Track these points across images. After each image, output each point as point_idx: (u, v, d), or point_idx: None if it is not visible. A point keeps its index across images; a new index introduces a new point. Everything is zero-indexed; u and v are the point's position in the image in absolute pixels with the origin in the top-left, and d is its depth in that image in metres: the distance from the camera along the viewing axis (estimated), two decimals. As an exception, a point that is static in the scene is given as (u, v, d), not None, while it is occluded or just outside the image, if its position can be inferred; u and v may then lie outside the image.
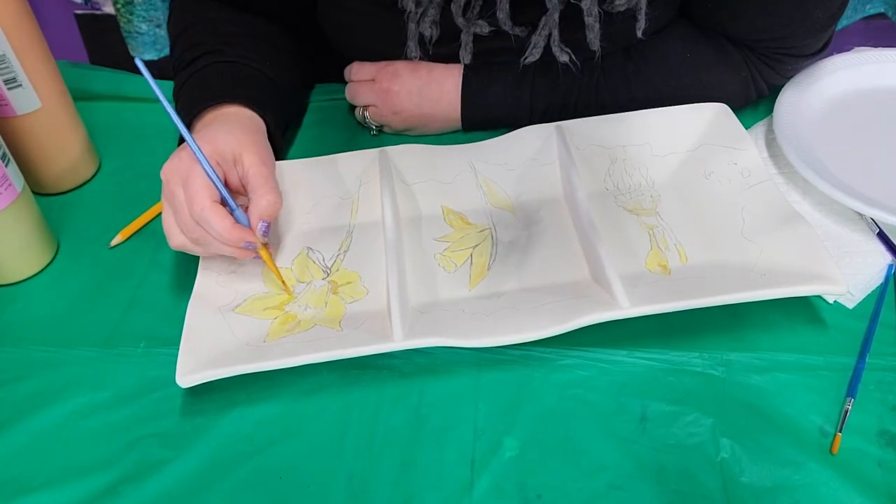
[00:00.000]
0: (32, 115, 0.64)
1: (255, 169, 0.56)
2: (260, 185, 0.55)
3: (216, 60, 0.64)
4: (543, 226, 0.61)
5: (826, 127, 0.67)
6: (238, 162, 0.56)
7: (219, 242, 0.54)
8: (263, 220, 0.55)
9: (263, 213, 0.55)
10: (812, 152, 0.64)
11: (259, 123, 0.61)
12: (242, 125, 0.58)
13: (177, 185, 0.54)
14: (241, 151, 0.56)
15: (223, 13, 0.68)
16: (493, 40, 0.65)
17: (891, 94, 0.70)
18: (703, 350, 0.53)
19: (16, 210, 0.59)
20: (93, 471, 0.50)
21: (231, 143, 0.56)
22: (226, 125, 0.58)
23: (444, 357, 0.54)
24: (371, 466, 0.49)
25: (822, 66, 0.70)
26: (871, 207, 0.57)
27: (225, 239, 0.53)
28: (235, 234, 0.53)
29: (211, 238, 0.54)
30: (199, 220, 0.53)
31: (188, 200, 0.53)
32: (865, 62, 0.71)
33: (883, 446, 0.47)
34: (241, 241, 0.54)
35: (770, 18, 0.62)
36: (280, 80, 0.67)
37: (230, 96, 0.61)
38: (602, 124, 0.66)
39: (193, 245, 0.55)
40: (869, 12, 1.24)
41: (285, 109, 0.69)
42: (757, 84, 0.67)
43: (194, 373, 0.50)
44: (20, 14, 0.60)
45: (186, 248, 0.56)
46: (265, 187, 0.55)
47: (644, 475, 0.47)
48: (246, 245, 0.55)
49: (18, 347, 0.57)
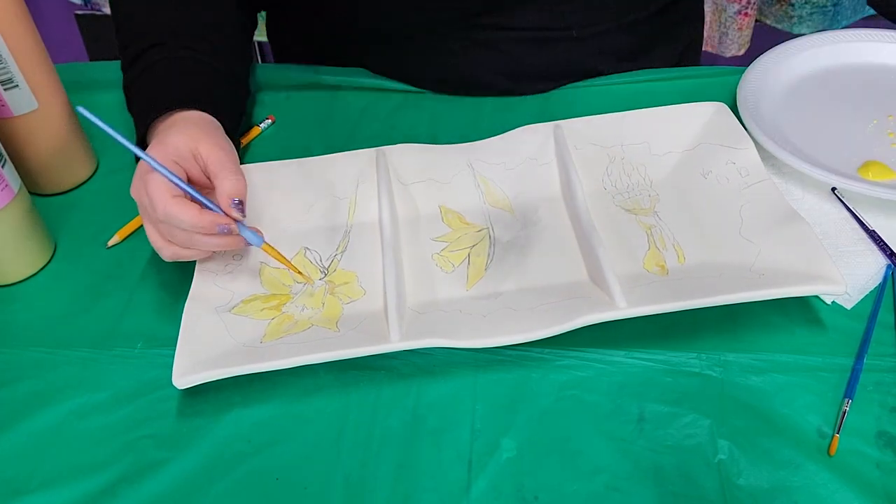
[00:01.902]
0: (29, 115, 0.64)
1: (213, 156, 0.56)
2: (220, 169, 0.55)
3: (163, 56, 0.64)
4: (541, 226, 0.61)
5: (790, 104, 0.69)
6: (196, 155, 0.56)
7: (202, 236, 0.54)
8: (233, 198, 0.54)
9: (230, 192, 0.54)
10: (777, 128, 0.66)
11: (214, 121, 0.61)
12: (194, 123, 0.59)
13: (144, 197, 0.54)
14: (196, 144, 0.56)
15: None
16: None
17: (853, 72, 0.72)
18: (701, 351, 0.53)
19: (13, 211, 0.59)
20: (89, 471, 0.50)
21: (183, 140, 0.56)
22: (178, 127, 0.58)
23: (442, 358, 0.54)
24: (368, 467, 0.49)
25: (785, 47, 0.72)
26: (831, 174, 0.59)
27: (198, 227, 0.53)
28: (206, 219, 0.53)
29: (193, 235, 0.54)
30: (165, 218, 0.53)
31: (151, 205, 0.53)
32: (824, 43, 0.73)
33: (881, 447, 0.47)
34: (213, 226, 0.53)
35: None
36: (227, 68, 0.67)
37: (180, 104, 0.60)
38: (600, 123, 0.65)
39: (185, 250, 0.55)
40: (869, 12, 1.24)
41: (235, 99, 0.69)
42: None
43: (191, 374, 0.50)
44: (17, 15, 0.60)
45: (179, 256, 0.56)
46: (225, 170, 0.55)
47: (641, 476, 0.47)
48: (221, 228, 0.54)
49: (15, 348, 0.57)
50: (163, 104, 0.60)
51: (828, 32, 0.73)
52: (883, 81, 0.70)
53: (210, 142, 0.56)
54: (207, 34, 0.67)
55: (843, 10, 1.24)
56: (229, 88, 0.67)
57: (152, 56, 0.64)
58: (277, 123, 0.75)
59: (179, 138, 0.56)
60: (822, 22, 1.24)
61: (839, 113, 0.68)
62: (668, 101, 0.66)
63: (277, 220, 0.63)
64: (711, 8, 1.28)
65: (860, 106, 0.68)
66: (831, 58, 0.73)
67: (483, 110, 0.74)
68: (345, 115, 0.75)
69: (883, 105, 0.68)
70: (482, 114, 0.74)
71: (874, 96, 0.69)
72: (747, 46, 1.29)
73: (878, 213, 0.60)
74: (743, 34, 1.27)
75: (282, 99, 0.78)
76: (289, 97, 0.78)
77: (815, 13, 1.23)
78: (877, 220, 0.59)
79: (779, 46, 0.73)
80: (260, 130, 0.74)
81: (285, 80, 0.78)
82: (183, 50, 0.64)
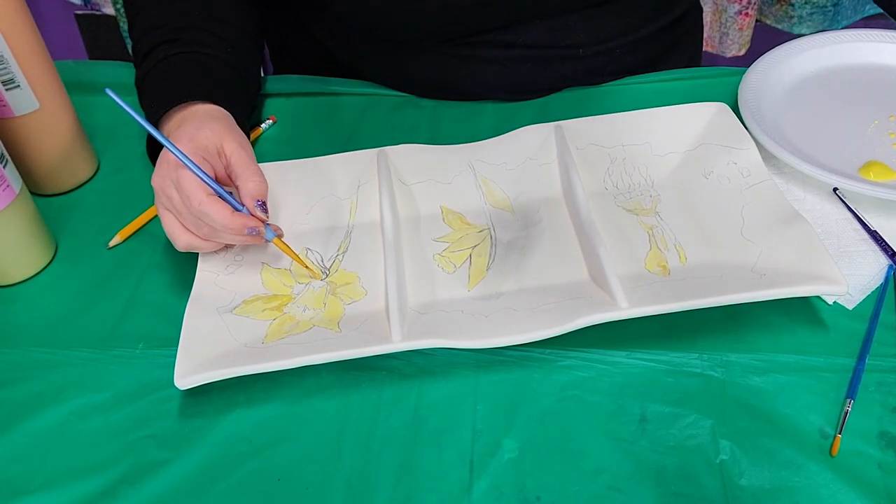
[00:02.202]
0: (30, 115, 0.64)
1: (237, 155, 0.57)
2: (244, 170, 0.56)
3: (176, 52, 0.64)
4: (542, 226, 0.61)
5: (791, 104, 0.69)
6: (221, 153, 0.57)
7: (226, 232, 0.54)
8: (257, 199, 0.55)
9: (254, 193, 0.55)
10: (778, 128, 0.66)
11: (227, 114, 0.61)
12: (214, 118, 0.59)
13: (170, 188, 0.54)
14: (222, 142, 0.57)
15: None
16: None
17: (854, 72, 0.72)
18: (703, 351, 0.53)
19: (14, 211, 0.59)
20: (91, 472, 0.50)
21: (210, 136, 0.57)
22: (199, 121, 0.58)
23: (443, 358, 0.54)
24: (370, 468, 0.49)
25: (786, 47, 0.72)
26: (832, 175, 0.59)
27: (229, 228, 0.54)
28: (238, 221, 0.54)
29: (220, 232, 0.54)
30: (199, 215, 0.54)
31: (185, 200, 0.54)
32: (825, 43, 0.73)
33: (883, 448, 0.47)
34: (244, 228, 0.54)
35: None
36: (239, 64, 0.67)
37: (196, 95, 0.61)
38: (601, 123, 0.65)
39: (201, 241, 0.56)
40: (869, 12, 1.24)
41: (247, 95, 0.70)
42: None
43: (192, 374, 0.50)
44: (18, 14, 0.60)
45: (194, 246, 0.56)
46: (249, 171, 0.56)
47: (643, 477, 0.47)
48: (251, 231, 0.55)
49: (17, 348, 0.57)
50: (180, 95, 0.61)
51: (828, 32, 0.73)
52: (884, 81, 0.70)
53: (234, 139, 0.57)
54: (221, 30, 0.67)
55: (843, 10, 1.24)
56: (242, 84, 0.68)
57: (167, 50, 0.64)
58: (279, 124, 0.75)
59: (205, 133, 0.57)
60: (822, 22, 1.25)
61: (840, 113, 0.68)
62: (670, 102, 0.66)
63: (279, 220, 0.63)
64: (712, 8, 1.28)
65: (861, 106, 0.68)
66: (832, 58, 0.73)
67: (483, 111, 0.74)
68: (345, 116, 0.75)
69: (884, 105, 0.68)
70: (483, 114, 0.74)
71: (875, 96, 0.69)
72: (747, 46, 1.29)
73: (880, 213, 0.60)
74: (743, 34, 1.27)
75: (283, 100, 0.78)
76: (290, 98, 0.78)
77: (815, 13, 1.24)
78: (878, 220, 0.59)
79: (780, 46, 0.73)
80: (261, 131, 0.74)
81: (286, 89, 0.78)
82: (197, 45, 0.65)
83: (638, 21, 0.74)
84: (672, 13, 0.78)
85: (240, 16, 0.70)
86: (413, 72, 0.75)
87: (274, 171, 0.65)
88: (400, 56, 0.75)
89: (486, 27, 0.71)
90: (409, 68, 0.75)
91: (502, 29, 0.71)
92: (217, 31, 0.67)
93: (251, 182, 0.56)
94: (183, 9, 0.67)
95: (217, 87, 0.63)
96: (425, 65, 0.74)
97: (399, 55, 0.74)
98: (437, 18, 0.69)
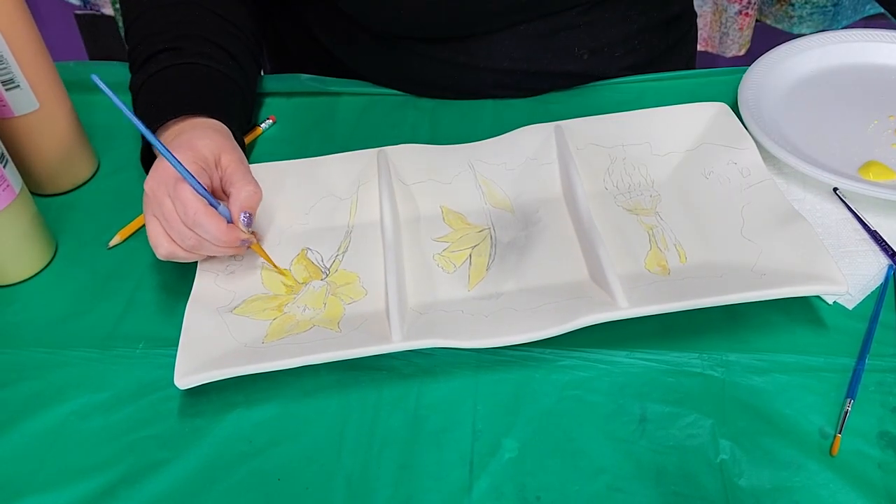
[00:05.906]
0: (30, 115, 0.64)
1: (234, 166, 0.56)
2: (239, 179, 0.56)
3: (176, 62, 0.64)
4: (542, 226, 0.61)
5: (791, 104, 0.69)
6: (218, 163, 0.57)
7: (212, 245, 0.54)
8: (245, 210, 0.55)
9: (244, 202, 0.55)
10: (778, 128, 0.66)
11: (226, 128, 0.61)
12: (215, 130, 0.59)
13: (164, 195, 0.54)
14: (220, 153, 0.57)
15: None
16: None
17: (853, 72, 0.72)
18: (703, 351, 0.53)
19: (14, 211, 0.59)
20: (91, 472, 0.50)
21: (210, 146, 0.56)
22: (199, 130, 0.58)
23: (443, 358, 0.54)
24: (370, 468, 0.49)
25: (786, 47, 0.72)
26: (832, 175, 0.59)
27: (222, 241, 0.54)
28: (232, 234, 0.54)
29: (205, 241, 0.54)
30: (193, 225, 0.53)
31: (180, 209, 0.53)
32: (825, 43, 0.73)
33: (883, 448, 0.47)
34: (236, 241, 0.55)
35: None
36: (240, 78, 0.67)
37: (197, 109, 0.61)
38: (602, 124, 0.65)
39: (185, 252, 0.55)
40: (869, 12, 1.24)
41: (245, 110, 0.70)
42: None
43: (192, 374, 0.50)
44: (18, 14, 0.60)
45: (176, 256, 0.55)
46: (244, 180, 0.56)
47: (643, 476, 0.47)
48: (243, 243, 0.55)
49: (17, 348, 0.57)
50: (181, 107, 0.60)
51: (828, 32, 0.73)
52: (883, 81, 0.70)
53: (230, 150, 0.57)
54: (223, 41, 0.67)
55: (843, 10, 1.24)
56: (241, 99, 0.68)
57: (169, 59, 0.64)
58: (278, 123, 0.75)
59: (205, 143, 0.56)
60: (822, 22, 1.25)
61: (840, 113, 0.68)
62: (670, 102, 0.66)
63: (279, 220, 0.63)
64: (712, 8, 1.28)
65: (861, 106, 0.68)
66: (832, 58, 0.73)
67: (484, 111, 0.74)
68: (345, 116, 0.75)
69: (884, 105, 0.68)
70: (482, 114, 0.74)
71: (875, 96, 0.69)
72: (748, 46, 1.29)
73: (879, 213, 0.60)
74: (743, 34, 1.27)
75: (282, 100, 0.78)
76: (289, 98, 0.78)
77: (815, 13, 1.24)
78: (878, 220, 0.59)
79: (780, 46, 0.73)
80: (261, 130, 0.74)
81: (286, 89, 0.78)
82: (200, 57, 0.64)
83: (637, 19, 0.74)
84: (670, 10, 0.78)
85: (241, 25, 0.70)
86: (412, 71, 0.75)
87: (273, 171, 0.65)
88: (399, 56, 0.74)
89: (485, 25, 0.71)
90: (408, 68, 0.75)
91: (502, 28, 0.71)
92: (219, 41, 0.66)
93: (244, 191, 0.55)
94: (185, 17, 0.66)
95: (218, 102, 0.63)
96: (425, 64, 0.74)
97: (398, 55, 0.74)
98: (434, 12, 0.69)
